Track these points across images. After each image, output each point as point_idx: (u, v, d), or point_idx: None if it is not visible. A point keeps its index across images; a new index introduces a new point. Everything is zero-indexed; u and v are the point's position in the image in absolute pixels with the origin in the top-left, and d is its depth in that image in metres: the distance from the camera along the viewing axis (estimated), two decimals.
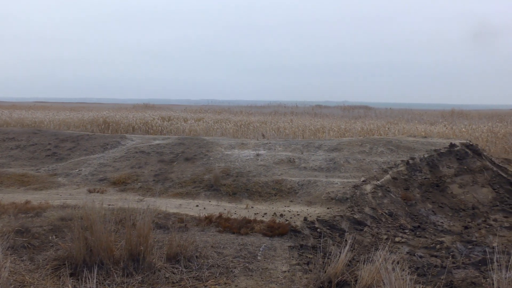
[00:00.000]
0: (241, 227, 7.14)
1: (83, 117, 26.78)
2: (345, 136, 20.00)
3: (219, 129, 22.74)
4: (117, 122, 24.97)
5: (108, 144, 13.98)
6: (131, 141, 14.36)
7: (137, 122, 24.88)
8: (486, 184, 10.94)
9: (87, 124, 24.43)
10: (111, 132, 23.27)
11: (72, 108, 45.19)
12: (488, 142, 17.81)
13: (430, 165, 11.10)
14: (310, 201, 9.11)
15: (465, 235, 8.20)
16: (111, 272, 5.16)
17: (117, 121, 25.16)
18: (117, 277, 5.09)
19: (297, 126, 23.46)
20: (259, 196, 9.58)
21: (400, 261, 5.74)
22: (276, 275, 5.62)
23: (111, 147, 13.75)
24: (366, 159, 11.35)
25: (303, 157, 11.71)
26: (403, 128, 22.11)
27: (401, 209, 9.13)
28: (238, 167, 11.00)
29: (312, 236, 7.15)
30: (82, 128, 23.40)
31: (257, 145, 13.25)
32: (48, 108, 42.70)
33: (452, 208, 9.81)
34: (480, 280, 5.85)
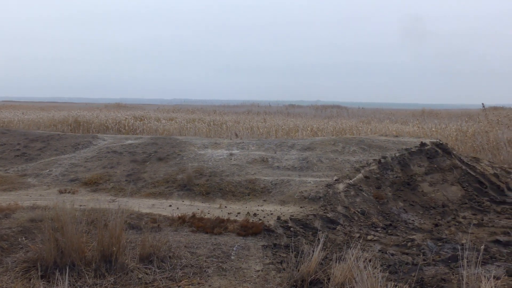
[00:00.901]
0: (215, 227, 7.12)
1: (53, 116, 26.37)
2: (318, 135, 20.13)
3: (192, 129, 22.64)
4: (89, 122, 24.65)
5: (80, 144, 13.79)
6: (103, 141, 14.20)
7: (109, 122, 24.61)
8: (455, 182, 11.14)
9: (57, 123, 24.07)
10: (82, 132, 22.97)
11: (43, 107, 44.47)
12: (457, 141, 18.13)
13: (401, 164, 11.25)
14: (284, 200, 9.14)
15: (435, 233, 8.34)
16: (83, 274, 5.09)
17: (89, 121, 24.84)
18: (89, 278, 5.03)
19: (270, 125, 23.51)
20: (233, 196, 9.57)
21: (372, 259, 5.81)
22: (249, 275, 5.63)
23: (83, 147, 13.57)
24: (338, 158, 11.44)
25: (276, 157, 11.74)
26: (375, 127, 22.36)
27: (373, 208, 9.23)
28: (211, 167, 10.97)
29: (286, 235, 7.18)
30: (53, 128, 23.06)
31: (231, 144, 13.24)
32: (18, 108, 41.96)
33: (422, 206, 9.96)
34: (450, 277, 5.96)
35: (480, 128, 20.57)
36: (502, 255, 7.02)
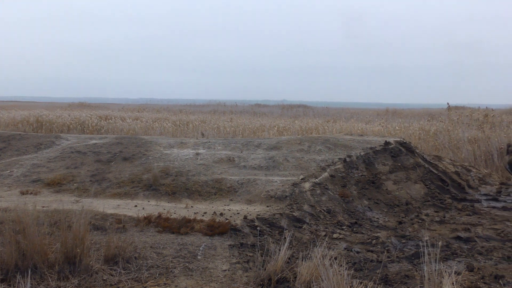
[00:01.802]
0: (181, 227, 7.09)
1: (14, 116, 25.75)
2: (284, 134, 20.24)
3: (158, 128, 22.46)
4: (51, 122, 24.18)
5: (42, 144, 13.51)
6: (66, 141, 13.94)
7: (73, 122, 24.19)
8: (418, 180, 11.36)
9: (18, 123, 23.52)
10: (44, 131, 22.51)
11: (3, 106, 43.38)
12: (420, 140, 18.49)
13: (366, 163, 11.41)
14: (250, 199, 9.15)
15: (399, 230, 8.48)
16: (46, 276, 5.00)
17: (51, 120, 24.36)
18: (52, 281, 4.94)
19: (236, 125, 23.52)
20: (199, 195, 9.54)
21: (338, 257, 5.88)
22: (216, 274, 5.62)
23: (45, 147, 13.30)
24: (304, 157, 11.52)
25: (242, 156, 11.75)
26: (341, 126, 22.60)
27: (339, 206, 9.33)
28: (177, 167, 10.90)
29: (252, 234, 7.20)
30: (13, 128, 22.52)
31: (197, 144, 13.19)
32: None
33: (387, 204, 10.12)
34: (413, 273, 6.08)
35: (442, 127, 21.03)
36: (463, 251, 7.20)
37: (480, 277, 5.86)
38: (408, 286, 5.58)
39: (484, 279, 5.81)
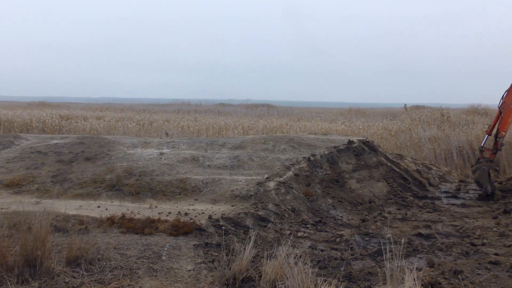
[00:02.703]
0: (145, 227, 7.02)
1: None
2: (249, 134, 20.26)
3: (121, 128, 22.18)
4: (10, 121, 23.57)
5: (0, 144, 13.16)
6: (26, 141, 13.62)
7: (33, 121, 23.65)
8: (381, 178, 11.54)
9: None
10: (3, 131, 21.95)
11: None
12: (383, 139, 18.79)
13: (330, 162, 11.52)
14: (215, 199, 9.13)
15: (362, 228, 8.61)
16: (4, 280, 4.87)
17: (10, 120, 23.75)
18: (11, 284, 4.82)
19: (201, 124, 23.43)
20: (163, 195, 9.46)
21: (302, 255, 5.92)
22: (181, 274, 5.59)
23: (4, 147, 12.95)
24: (269, 157, 11.56)
25: (207, 155, 11.71)
26: (305, 126, 22.77)
27: (303, 205, 9.40)
28: (141, 166, 10.79)
29: (217, 234, 7.18)
30: None
31: (161, 143, 13.08)
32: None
33: (350, 202, 10.25)
34: (376, 270, 6.18)
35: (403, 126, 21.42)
36: (424, 247, 7.35)
37: (440, 273, 6.00)
38: (371, 283, 5.67)
39: (444, 274, 5.95)
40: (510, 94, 10.98)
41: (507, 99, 11.00)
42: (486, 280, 5.80)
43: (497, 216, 9.42)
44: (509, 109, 10.94)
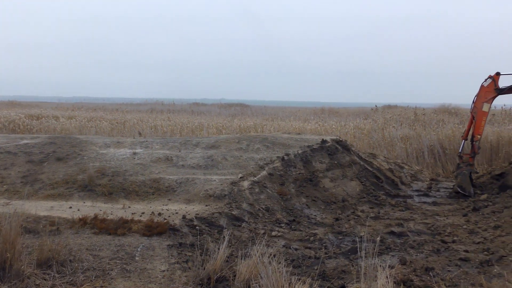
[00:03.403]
0: (118, 228, 6.95)
1: None
2: (223, 133, 20.23)
3: (93, 128, 21.90)
4: None
5: None
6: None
7: (1, 121, 23.19)
8: (354, 177, 11.65)
9: None
10: None
11: None
12: (356, 138, 18.95)
13: (304, 161, 11.58)
14: (189, 199, 9.09)
15: (336, 227, 8.67)
16: None
17: None
18: None
19: (174, 123, 23.30)
20: (137, 196, 9.38)
21: (276, 255, 5.94)
22: (155, 275, 5.55)
23: None
24: (243, 156, 11.56)
25: (181, 155, 11.65)
26: (278, 125, 22.83)
27: (277, 204, 9.42)
28: (114, 166, 10.67)
29: (191, 234, 7.16)
30: None
31: (134, 143, 12.96)
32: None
33: (324, 201, 10.32)
34: (350, 268, 6.23)
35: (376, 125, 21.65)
36: (396, 245, 7.45)
37: (412, 270, 6.09)
38: (345, 281, 5.72)
39: (416, 271, 6.05)
40: (479, 98, 11.33)
41: (477, 103, 11.33)
42: (456, 276, 5.91)
43: (467, 213, 9.60)
44: (481, 112, 11.26)
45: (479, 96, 11.36)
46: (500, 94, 11.35)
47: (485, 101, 11.29)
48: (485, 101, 11.29)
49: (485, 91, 11.31)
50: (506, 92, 11.36)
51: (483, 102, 11.30)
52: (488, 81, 11.31)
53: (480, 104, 11.29)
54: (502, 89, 11.26)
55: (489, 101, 11.31)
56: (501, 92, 11.29)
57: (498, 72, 11.25)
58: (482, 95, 11.34)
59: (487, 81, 11.33)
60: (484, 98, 11.31)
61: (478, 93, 11.40)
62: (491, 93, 11.27)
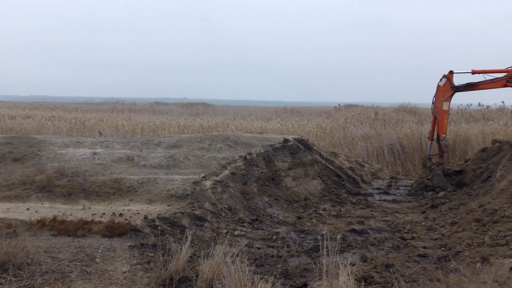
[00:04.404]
0: (78, 229, 6.82)
1: None
2: (185, 133, 20.09)
3: (52, 127, 21.42)
4: None
5: None
6: None
7: None
8: (316, 176, 11.75)
9: None
10: None
11: None
12: (317, 137, 19.12)
13: (266, 160, 11.61)
14: (151, 199, 9.00)
15: (298, 225, 8.74)
16: None
17: None
18: None
19: (136, 123, 23.02)
20: (97, 196, 9.22)
21: (239, 254, 5.93)
22: (116, 276, 5.47)
23: None
24: (205, 156, 11.51)
25: (142, 155, 11.52)
26: (241, 124, 22.83)
27: (240, 203, 9.43)
28: (73, 167, 10.46)
29: (153, 234, 7.08)
30: None
31: (94, 143, 12.74)
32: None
33: (286, 200, 10.37)
34: (312, 266, 6.29)
35: (337, 124, 21.89)
36: (357, 242, 7.56)
37: (372, 267, 6.18)
38: (307, 279, 5.76)
39: (376, 268, 6.15)
40: (438, 98, 11.63)
41: (437, 103, 11.62)
42: (415, 272, 6.04)
43: (425, 210, 9.82)
44: (442, 111, 11.55)
45: (438, 96, 11.65)
46: (457, 92, 11.65)
47: (444, 100, 11.58)
48: (444, 100, 11.58)
49: (442, 91, 11.60)
50: (462, 90, 11.67)
51: (442, 101, 11.58)
52: (444, 80, 11.60)
53: (439, 104, 11.57)
54: (458, 87, 11.57)
55: (448, 100, 11.61)
56: (457, 90, 11.59)
57: (451, 70, 11.56)
58: (440, 94, 11.63)
59: (442, 81, 11.62)
60: (442, 97, 11.59)
61: (436, 93, 11.68)
62: (448, 92, 11.56)
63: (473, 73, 11.48)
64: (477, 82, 11.58)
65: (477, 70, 11.44)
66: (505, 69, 11.36)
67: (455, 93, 11.67)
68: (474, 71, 11.44)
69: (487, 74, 11.45)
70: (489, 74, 11.45)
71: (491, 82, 11.42)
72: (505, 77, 11.23)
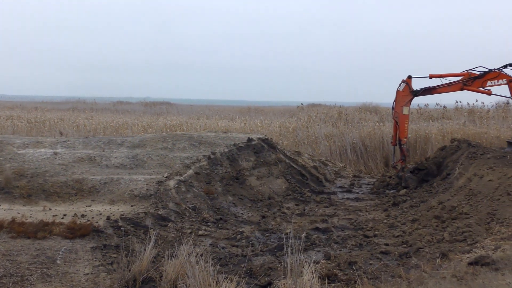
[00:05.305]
0: (38, 231, 6.66)
1: None
2: (148, 132, 19.90)
3: (10, 127, 20.89)
4: None
5: None
6: None
7: None
8: (280, 175, 11.81)
9: None
10: None
11: None
12: (281, 136, 19.21)
13: (230, 159, 11.60)
14: (113, 199, 8.87)
15: (262, 224, 8.76)
16: None
17: None
18: None
19: (98, 122, 22.67)
20: (58, 197, 9.04)
21: (203, 254, 5.92)
22: (78, 279, 5.38)
23: None
24: (169, 155, 11.42)
25: (104, 155, 11.35)
26: (205, 123, 22.75)
27: (204, 203, 9.39)
28: (33, 167, 10.22)
29: (116, 235, 6.99)
30: None
31: (55, 143, 12.48)
32: None
33: (251, 199, 10.39)
34: (276, 265, 6.32)
35: (301, 123, 22.04)
36: (321, 241, 7.63)
37: (336, 265, 6.26)
38: (272, 278, 5.79)
39: (340, 266, 6.22)
40: (398, 103, 11.83)
41: (397, 108, 11.81)
42: (378, 269, 6.14)
43: (387, 208, 9.99)
44: (402, 116, 11.73)
45: (397, 101, 11.84)
46: (416, 96, 11.87)
47: (404, 105, 11.76)
48: (404, 105, 11.76)
49: (401, 95, 11.80)
50: (421, 94, 11.92)
51: (402, 106, 11.76)
52: (402, 85, 11.80)
53: (400, 109, 11.76)
54: (417, 91, 11.80)
55: (407, 104, 11.82)
56: (416, 94, 11.82)
57: (409, 75, 11.76)
58: (399, 99, 11.82)
59: (401, 86, 11.82)
60: (402, 102, 11.78)
61: (396, 98, 11.88)
62: (408, 96, 11.77)
63: (431, 77, 11.72)
64: (435, 86, 11.84)
65: (434, 75, 11.69)
66: (460, 72, 11.64)
67: (414, 97, 11.90)
68: (431, 75, 11.68)
69: (444, 78, 11.72)
70: (446, 78, 11.72)
71: (448, 86, 11.70)
72: (461, 80, 11.52)
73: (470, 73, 11.51)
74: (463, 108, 23.15)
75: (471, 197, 8.38)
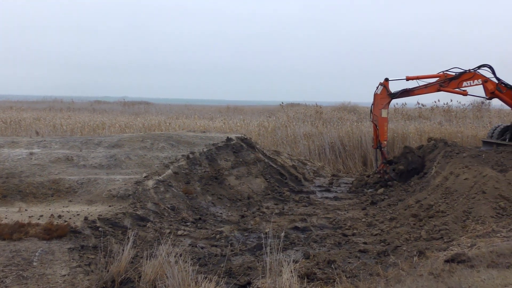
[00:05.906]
0: (14, 232, 6.56)
1: None
2: (126, 132, 19.74)
3: None
4: None
5: None
6: None
7: None
8: (259, 175, 11.82)
9: None
10: None
11: None
12: (260, 136, 19.23)
13: (209, 159, 11.57)
14: (91, 199, 8.78)
15: (242, 224, 8.76)
16: None
17: None
18: None
19: (75, 122, 22.42)
20: (34, 198, 8.91)
21: (183, 254, 5.90)
22: (54, 280, 5.32)
23: None
24: (147, 155, 11.35)
25: (82, 155, 11.22)
26: (184, 123, 22.66)
27: (183, 203, 9.36)
28: (8, 168, 10.06)
29: (94, 236, 6.92)
30: None
31: (31, 143, 12.30)
32: None
33: (230, 199, 10.39)
34: (256, 264, 6.33)
35: (280, 123, 22.09)
36: (300, 240, 7.66)
37: (315, 263, 6.29)
38: (251, 277, 5.79)
39: (319, 264, 6.26)
40: (376, 106, 11.93)
41: (376, 111, 11.90)
42: (356, 267, 6.19)
43: (366, 207, 10.08)
44: (381, 119, 11.83)
45: (376, 105, 11.93)
46: (394, 98, 11.98)
47: (382, 108, 11.86)
48: (382, 108, 11.86)
49: (379, 98, 11.90)
50: (399, 96, 12.04)
51: (380, 109, 11.86)
52: (380, 88, 11.90)
53: (378, 112, 11.85)
54: (395, 93, 11.91)
55: (386, 107, 11.92)
56: (394, 96, 11.93)
57: (386, 78, 11.86)
58: (378, 102, 11.92)
59: (379, 89, 11.91)
60: (380, 105, 11.88)
61: (374, 101, 11.97)
62: (386, 99, 11.87)
63: (407, 79, 11.84)
64: (412, 88, 11.97)
65: (411, 77, 11.81)
66: (436, 74, 11.80)
67: (392, 99, 12.01)
68: (408, 77, 11.80)
69: (421, 80, 11.85)
70: (422, 80, 11.85)
71: (425, 88, 11.85)
72: (437, 82, 11.67)
73: (446, 74, 11.68)
74: (439, 107, 23.47)
75: (448, 196, 8.50)
